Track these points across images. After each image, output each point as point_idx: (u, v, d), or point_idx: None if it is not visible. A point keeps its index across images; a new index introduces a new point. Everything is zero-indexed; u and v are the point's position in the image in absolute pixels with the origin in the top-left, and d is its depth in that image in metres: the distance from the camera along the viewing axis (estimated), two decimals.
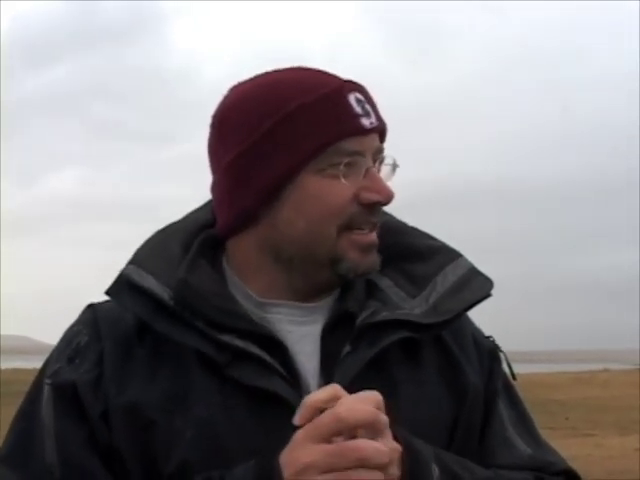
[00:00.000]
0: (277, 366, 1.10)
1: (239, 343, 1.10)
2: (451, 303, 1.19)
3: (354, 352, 1.12)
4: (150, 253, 1.18)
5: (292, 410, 1.01)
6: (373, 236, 1.16)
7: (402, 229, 1.28)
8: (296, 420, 0.98)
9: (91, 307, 1.22)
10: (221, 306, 1.12)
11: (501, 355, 1.28)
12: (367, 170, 1.14)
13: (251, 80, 1.20)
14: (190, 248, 1.19)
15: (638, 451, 12.21)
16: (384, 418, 0.98)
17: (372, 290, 1.21)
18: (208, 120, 1.21)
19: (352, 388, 1.02)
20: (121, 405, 1.11)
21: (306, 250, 1.15)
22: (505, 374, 1.29)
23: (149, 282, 1.13)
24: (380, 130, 1.18)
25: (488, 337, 1.29)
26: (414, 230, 1.28)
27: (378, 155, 1.17)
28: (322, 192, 1.12)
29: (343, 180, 1.12)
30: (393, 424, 1.01)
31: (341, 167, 1.12)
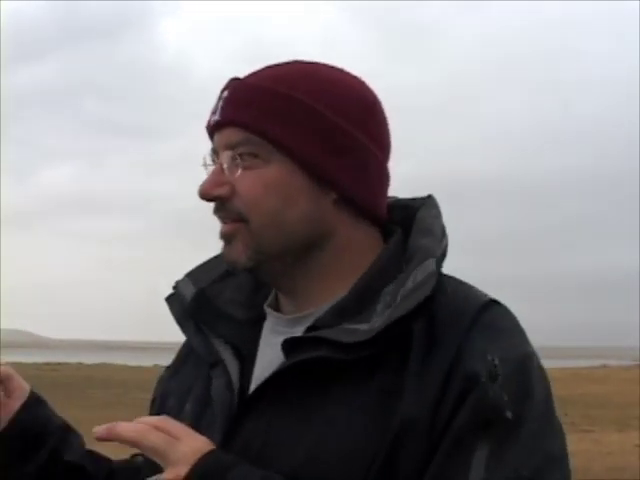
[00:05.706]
0: (233, 372, 1.13)
1: (220, 348, 1.16)
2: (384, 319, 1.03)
3: (280, 367, 1.06)
4: (205, 263, 1.25)
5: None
6: (221, 228, 1.12)
7: (412, 221, 1.14)
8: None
9: None
10: (226, 312, 1.18)
11: (485, 387, 0.98)
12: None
13: None
14: None
15: (637, 447, 12.22)
16: (154, 442, 1.00)
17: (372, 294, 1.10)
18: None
19: (261, 404, 1.07)
20: (158, 394, 1.26)
21: None
22: (501, 406, 0.98)
23: (188, 290, 1.21)
24: (226, 124, 1.10)
25: (492, 360, 1.00)
26: (420, 222, 1.13)
27: (230, 150, 1.10)
28: None
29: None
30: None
31: (202, 164, 1.14)
